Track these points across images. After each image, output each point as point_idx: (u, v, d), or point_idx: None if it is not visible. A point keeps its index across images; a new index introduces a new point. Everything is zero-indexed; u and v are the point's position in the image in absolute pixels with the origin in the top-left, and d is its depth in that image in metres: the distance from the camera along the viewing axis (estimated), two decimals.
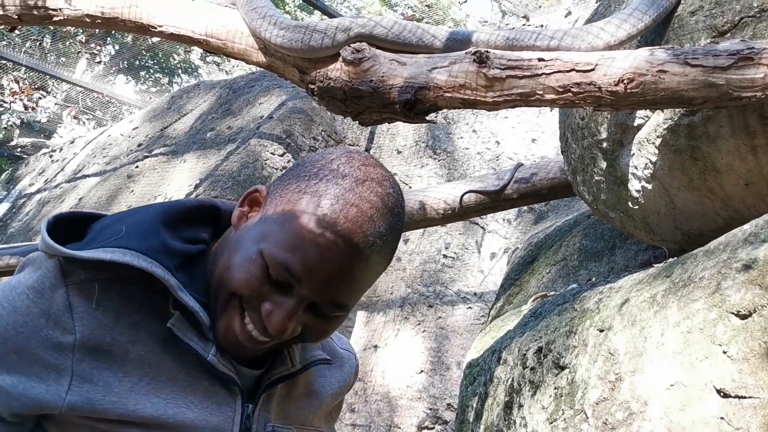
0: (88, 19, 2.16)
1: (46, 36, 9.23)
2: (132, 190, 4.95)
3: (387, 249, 1.06)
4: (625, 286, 1.57)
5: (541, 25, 5.17)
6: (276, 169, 4.61)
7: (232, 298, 1.02)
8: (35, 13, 2.20)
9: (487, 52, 1.55)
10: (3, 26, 2.34)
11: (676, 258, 1.57)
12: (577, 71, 1.49)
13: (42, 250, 0.99)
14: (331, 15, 6.36)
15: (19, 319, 0.93)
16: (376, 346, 4.49)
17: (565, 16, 5.07)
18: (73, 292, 0.95)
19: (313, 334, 1.08)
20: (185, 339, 1.00)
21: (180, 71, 16.22)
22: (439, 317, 4.43)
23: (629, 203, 1.90)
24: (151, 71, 16.14)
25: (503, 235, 4.55)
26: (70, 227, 1.06)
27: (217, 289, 1.03)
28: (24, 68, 7.79)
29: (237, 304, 1.02)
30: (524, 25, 5.25)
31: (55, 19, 2.18)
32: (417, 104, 1.63)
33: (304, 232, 0.99)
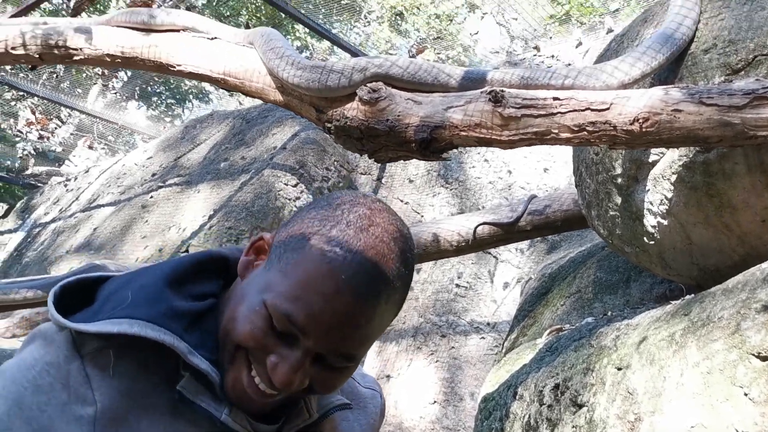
0: (108, 59, 2.20)
1: (59, 65, 9.34)
2: (146, 220, 4.98)
3: (396, 296, 1.02)
4: (643, 324, 1.57)
5: (552, 56, 5.20)
6: (289, 199, 4.63)
7: (239, 351, 1.00)
8: (56, 52, 2.24)
9: (502, 91, 1.57)
10: (25, 64, 2.39)
11: (693, 296, 1.56)
12: (592, 110, 1.50)
13: (52, 323, 0.99)
14: (340, 44, 6.43)
15: (43, 398, 0.92)
16: (388, 376, 4.47)
17: (576, 47, 5.10)
18: (89, 362, 0.95)
19: (322, 385, 1.04)
20: (197, 401, 0.99)
21: (191, 97, 16.37)
22: (452, 347, 4.41)
23: (645, 238, 1.90)
24: (163, 97, 16.30)
25: (516, 264, 4.54)
26: (79, 291, 1.06)
27: (223, 341, 1.02)
28: (38, 98, 7.89)
29: (243, 356, 1.00)
30: (535, 55, 5.28)
31: (75, 58, 2.22)
32: (433, 143, 1.65)
33: (308, 281, 0.96)
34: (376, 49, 13.49)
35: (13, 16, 4.68)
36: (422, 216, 5.06)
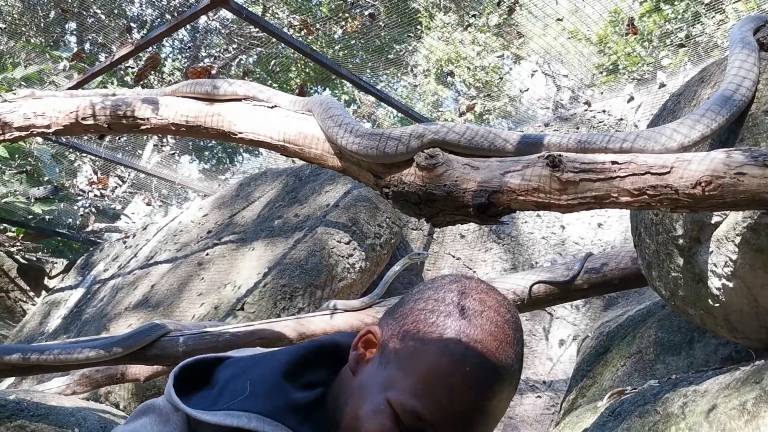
0: (173, 128, 2.29)
1: None
2: (202, 278, 5.06)
3: (516, 377, 1.04)
4: (711, 390, 1.53)
5: (603, 110, 5.19)
6: (342, 256, 4.67)
7: None
8: (124, 122, 2.34)
9: (560, 155, 1.58)
10: (94, 133, 2.50)
11: (764, 362, 1.52)
12: (653, 174, 1.49)
13: (169, 402, 1.01)
14: (385, 99, 6.53)
15: None
16: None
17: (628, 101, 5.08)
18: None
19: None
20: None
21: (242, 150, 16.75)
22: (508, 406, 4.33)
23: (709, 300, 1.86)
24: (214, 151, 16.72)
25: (572, 321, 4.47)
26: (195, 370, 1.09)
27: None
28: (97, 158, 8.21)
29: None
30: (586, 110, 5.27)
31: (142, 127, 2.31)
32: (491, 207, 1.66)
33: (431, 376, 0.97)
34: (423, 102, 13.64)
35: (79, 82, 4.92)
36: (474, 272, 5.03)
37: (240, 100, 2.24)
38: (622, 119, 5.03)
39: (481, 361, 0.97)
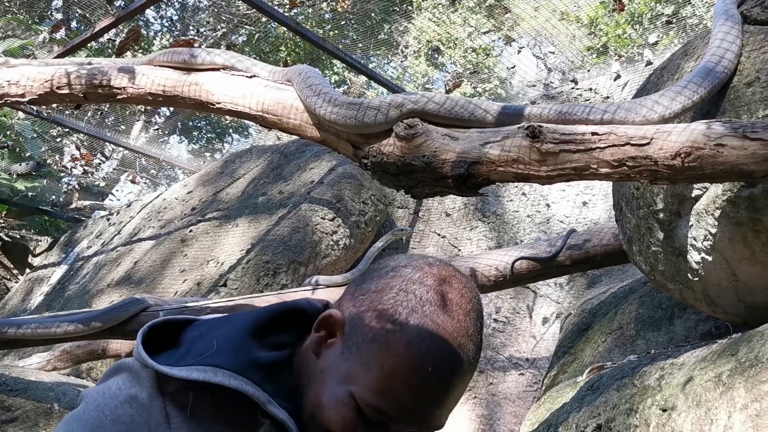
0: (150, 97, 2.25)
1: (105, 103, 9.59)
2: (185, 254, 5.03)
3: (476, 365, 1.06)
4: (688, 363, 1.52)
5: (590, 89, 5.17)
6: (326, 233, 4.65)
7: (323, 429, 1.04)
8: (100, 91, 2.30)
9: (539, 126, 1.55)
10: (69, 103, 2.45)
11: (740, 335, 1.52)
12: (633, 145, 1.47)
13: (138, 360, 1.02)
14: (377, 79, 6.48)
15: (122, 427, 0.94)
16: None
17: (614, 80, 5.06)
18: (170, 402, 0.98)
19: None
20: None
21: (231, 131, 16.65)
22: (491, 383, 4.34)
23: (689, 275, 1.85)
24: (203, 131, 16.60)
25: (555, 299, 4.47)
26: (164, 332, 1.11)
27: (309, 423, 1.05)
28: (83, 134, 8.11)
29: None
30: (572, 88, 5.26)
31: (119, 97, 2.27)
32: (470, 178, 1.64)
33: (393, 374, 0.99)
34: (413, 83, 13.59)
35: (59, 55, 4.84)
36: (459, 250, 5.03)
37: (218, 69, 2.20)
38: (608, 97, 5.01)
39: (444, 359, 1.00)
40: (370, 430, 1.02)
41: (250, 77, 2.14)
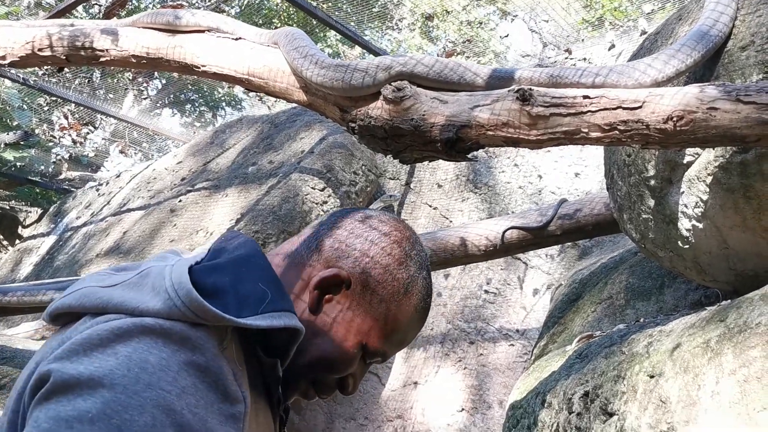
0: (133, 60, 2.19)
1: (95, 72, 9.49)
2: (175, 224, 5.00)
3: None
4: (676, 330, 1.51)
5: (584, 59, 5.13)
6: (316, 203, 4.62)
7: (317, 377, 1.12)
8: (82, 53, 2.24)
9: (530, 89, 1.52)
10: (51, 65, 2.40)
11: (730, 301, 1.50)
12: (624, 108, 1.45)
13: (185, 318, 0.89)
14: (372, 50, 6.40)
15: (191, 399, 0.83)
16: (416, 383, 4.42)
17: (609, 50, 5.01)
18: (229, 357, 0.90)
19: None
20: (275, 390, 1.07)
21: (224, 104, 16.52)
22: (481, 354, 4.35)
23: (679, 242, 1.84)
24: (196, 104, 16.47)
25: (546, 270, 4.47)
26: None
27: (302, 373, 1.10)
28: (73, 104, 8.00)
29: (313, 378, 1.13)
30: (566, 58, 5.21)
31: (101, 59, 2.22)
32: (459, 142, 1.61)
33: (403, 326, 1.15)
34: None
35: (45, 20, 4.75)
36: (451, 221, 5.01)
37: (203, 31, 2.14)
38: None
39: (429, 298, 1.20)
40: (359, 365, 1.14)
41: (236, 39, 2.10)
